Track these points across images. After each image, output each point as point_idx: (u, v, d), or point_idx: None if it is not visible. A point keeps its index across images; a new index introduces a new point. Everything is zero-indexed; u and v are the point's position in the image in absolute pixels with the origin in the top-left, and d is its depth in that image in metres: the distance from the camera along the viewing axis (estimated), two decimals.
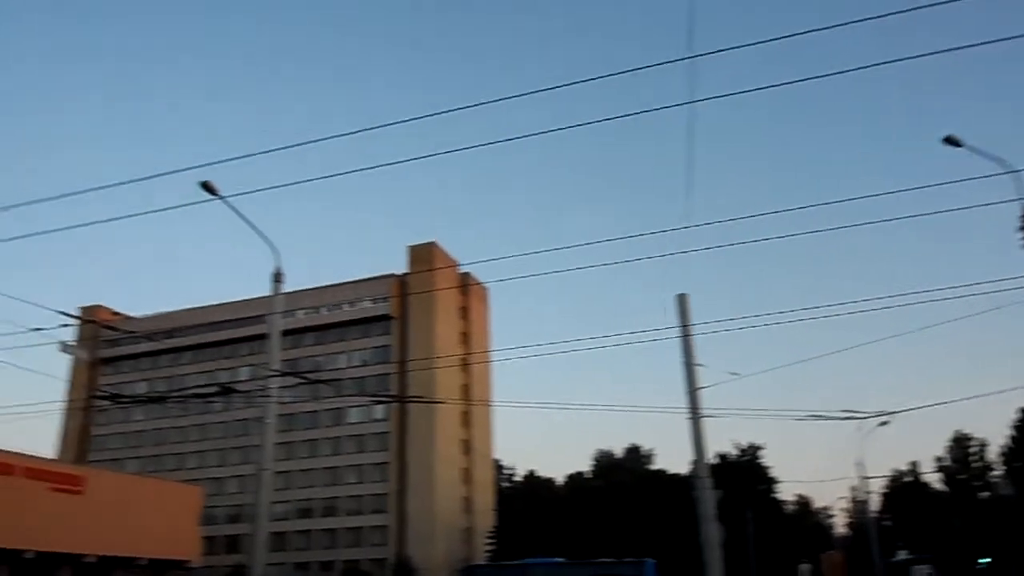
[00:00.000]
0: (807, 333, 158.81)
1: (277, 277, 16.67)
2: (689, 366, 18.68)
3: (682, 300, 19.38)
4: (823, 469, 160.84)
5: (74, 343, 21.55)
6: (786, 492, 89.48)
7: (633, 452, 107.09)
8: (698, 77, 11.45)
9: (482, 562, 72.42)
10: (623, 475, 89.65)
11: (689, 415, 18.48)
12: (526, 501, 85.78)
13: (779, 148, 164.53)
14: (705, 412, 18.59)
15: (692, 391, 18.53)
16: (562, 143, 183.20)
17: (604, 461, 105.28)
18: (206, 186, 14.68)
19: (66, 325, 19.54)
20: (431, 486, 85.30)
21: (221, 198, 15.00)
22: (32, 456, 61.01)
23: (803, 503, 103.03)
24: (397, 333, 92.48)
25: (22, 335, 18.23)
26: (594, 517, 74.58)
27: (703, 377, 18.81)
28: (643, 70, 10.87)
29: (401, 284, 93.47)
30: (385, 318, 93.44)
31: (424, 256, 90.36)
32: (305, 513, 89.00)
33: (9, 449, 55.48)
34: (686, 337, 18.98)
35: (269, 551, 20.36)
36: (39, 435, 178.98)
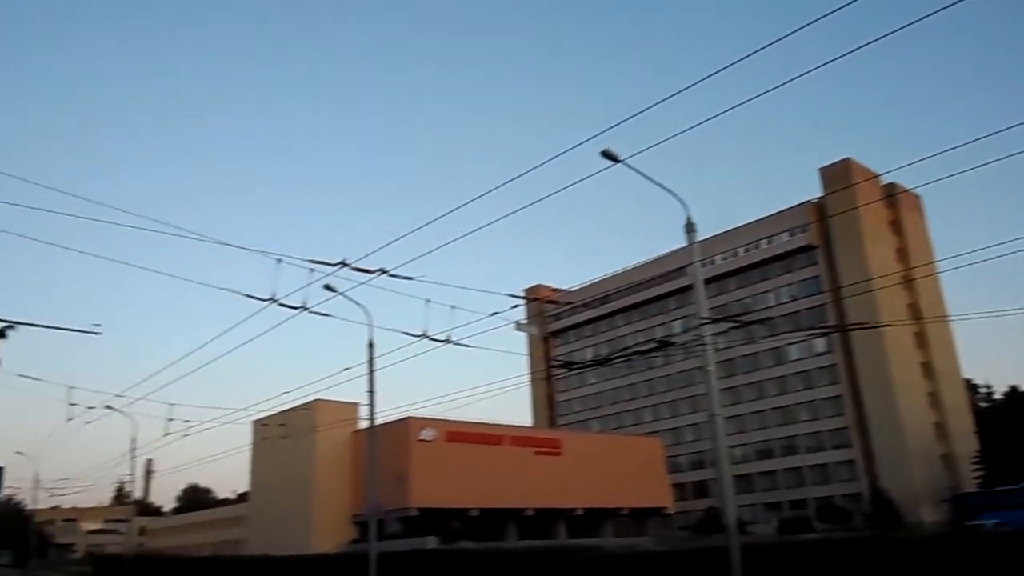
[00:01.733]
0: None
1: (689, 227, 16.65)
2: None
3: None
4: None
5: (525, 321, 23.87)
6: None
7: None
8: None
9: (972, 490, 66.07)
10: None
11: None
12: (1012, 420, 75.50)
13: None
14: None
15: None
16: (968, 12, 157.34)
17: None
18: (606, 154, 15.13)
19: (516, 307, 21.82)
20: (894, 415, 79.63)
21: (622, 162, 15.37)
22: (514, 426, 70.10)
23: None
24: (824, 261, 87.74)
25: (485, 320, 20.71)
26: None
27: None
28: None
29: (819, 209, 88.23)
30: (807, 248, 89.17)
31: (840, 175, 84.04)
32: (765, 454, 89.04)
33: (495, 422, 64.51)
34: None
35: (736, 493, 20.67)
36: (514, 407, 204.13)
